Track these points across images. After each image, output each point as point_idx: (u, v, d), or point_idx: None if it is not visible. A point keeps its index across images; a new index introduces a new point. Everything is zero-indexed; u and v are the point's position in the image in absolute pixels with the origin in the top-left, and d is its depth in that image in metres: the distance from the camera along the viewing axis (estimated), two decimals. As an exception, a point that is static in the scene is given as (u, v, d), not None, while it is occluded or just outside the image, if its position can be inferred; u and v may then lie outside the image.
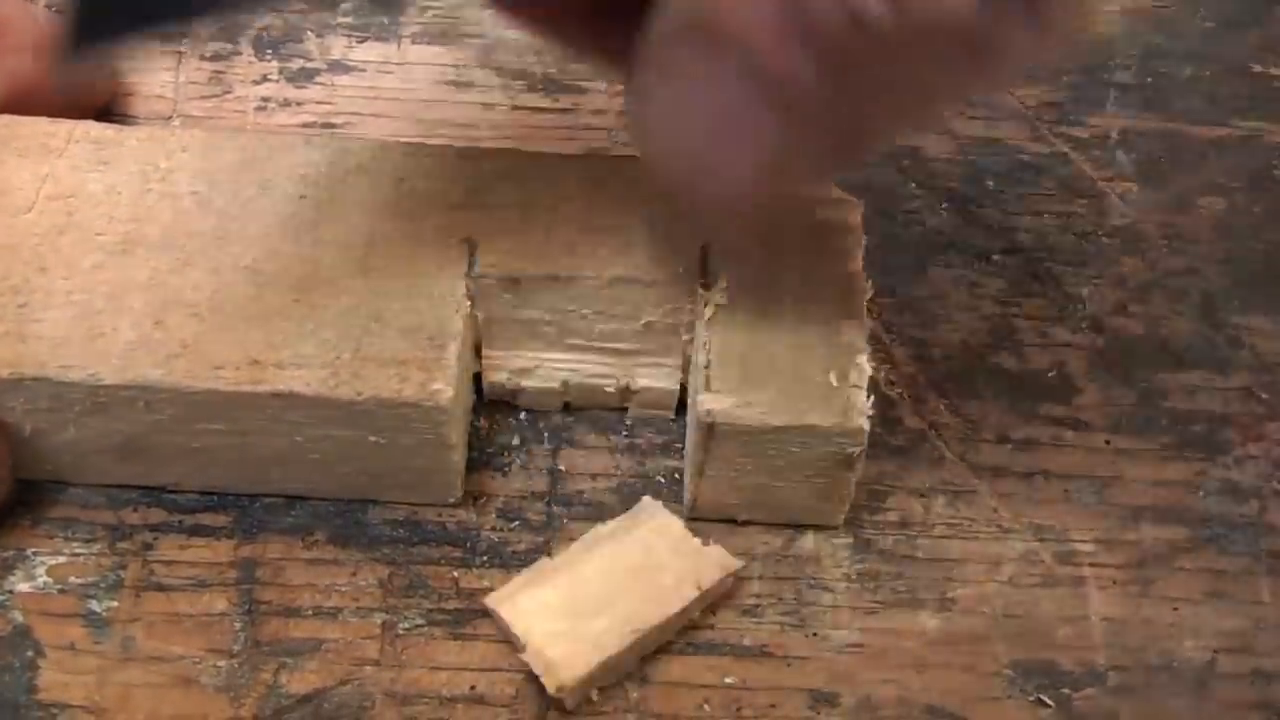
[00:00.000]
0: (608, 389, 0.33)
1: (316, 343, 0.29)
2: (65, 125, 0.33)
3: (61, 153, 0.32)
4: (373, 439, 0.30)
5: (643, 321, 0.31)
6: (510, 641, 0.30)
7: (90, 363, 0.29)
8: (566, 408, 0.34)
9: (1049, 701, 0.31)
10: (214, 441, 0.30)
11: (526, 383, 0.33)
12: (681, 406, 0.34)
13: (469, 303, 0.31)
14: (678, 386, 0.33)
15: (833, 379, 0.29)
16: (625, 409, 0.34)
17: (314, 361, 0.29)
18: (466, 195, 0.32)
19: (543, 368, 0.33)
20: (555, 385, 0.33)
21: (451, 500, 0.32)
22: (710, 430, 0.29)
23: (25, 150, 0.32)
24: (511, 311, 0.31)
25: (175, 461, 0.31)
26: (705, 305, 0.30)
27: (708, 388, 0.29)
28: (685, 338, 0.32)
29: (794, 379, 0.29)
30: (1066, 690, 0.31)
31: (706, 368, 0.29)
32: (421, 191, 0.32)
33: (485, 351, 0.33)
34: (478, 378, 0.33)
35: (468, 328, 0.31)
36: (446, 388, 0.29)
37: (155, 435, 0.30)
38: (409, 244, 0.31)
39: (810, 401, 0.29)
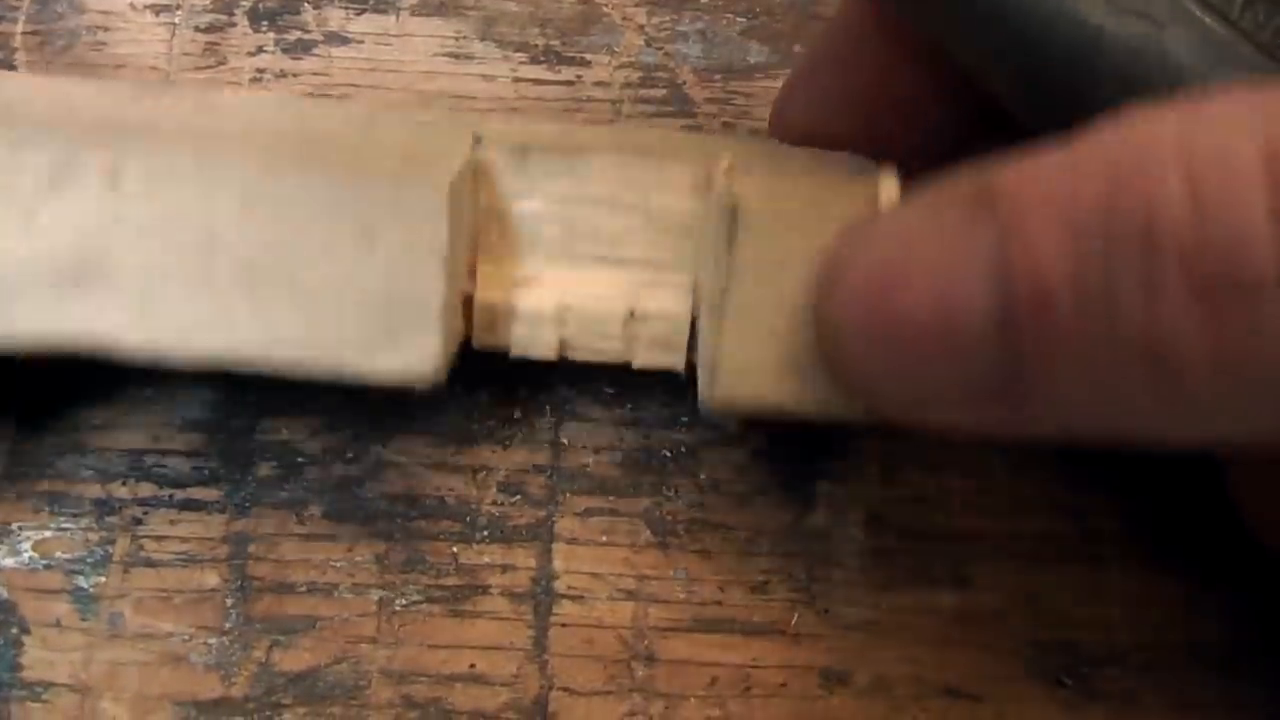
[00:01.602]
0: (612, 312, 0.30)
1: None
2: None
3: None
4: (359, 231, 0.27)
5: (654, 205, 0.30)
6: None
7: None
8: (564, 376, 0.32)
9: (1068, 681, 0.30)
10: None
11: (522, 304, 0.30)
12: (690, 380, 0.32)
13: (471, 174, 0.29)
14: (688, 314, 0.31)
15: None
16: (629, 372, 0.32)
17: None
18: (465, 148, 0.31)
19: (542, 280, 0.30)
20: (551, 308, 0.30)
21: (431, 375, 0.28)
22: (733, 217, 0.27)
23: None
24: (514, 202, 0.30)
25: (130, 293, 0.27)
26: (722, 165, 0.29)
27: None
28: (698, 243, 0.30)
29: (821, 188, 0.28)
30: (1086, 669, 0.30)
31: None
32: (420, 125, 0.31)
33: (480, 266, 0.30)
34: (468, 342, 0.31)
35: (470, 165, 0.29)
36: (445, 182, 0.27)
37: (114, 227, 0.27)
38: (411, 125, 0.30)
39: (840, 206, 0.27)
